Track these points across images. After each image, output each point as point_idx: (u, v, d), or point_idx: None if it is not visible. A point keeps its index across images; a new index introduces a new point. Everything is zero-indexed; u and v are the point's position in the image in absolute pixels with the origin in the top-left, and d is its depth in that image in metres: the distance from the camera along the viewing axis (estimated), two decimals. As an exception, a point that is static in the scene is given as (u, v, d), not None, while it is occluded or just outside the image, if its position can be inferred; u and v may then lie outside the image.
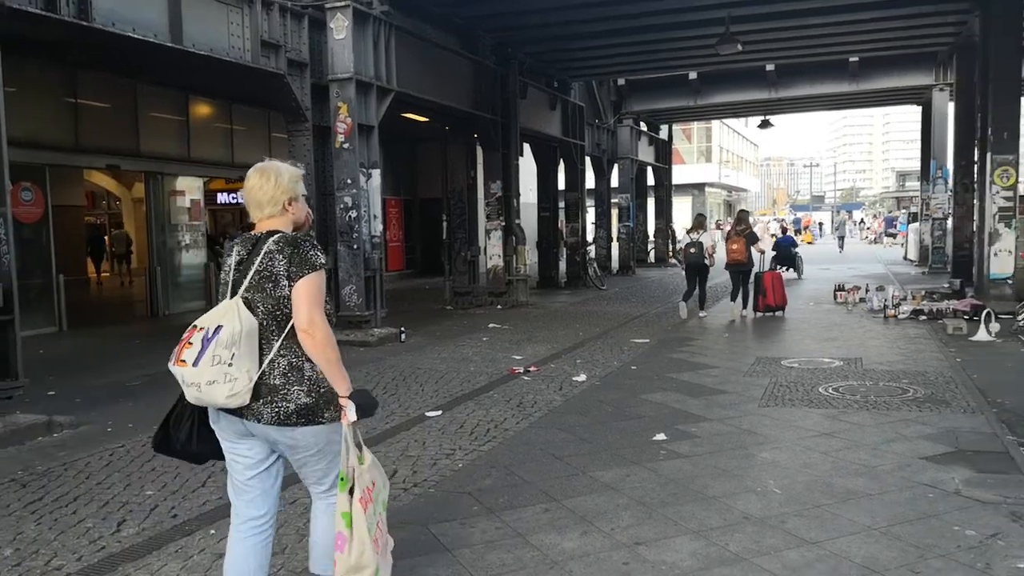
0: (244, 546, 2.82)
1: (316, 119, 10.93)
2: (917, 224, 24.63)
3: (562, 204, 20.13)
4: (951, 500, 4.20)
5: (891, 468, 4.77)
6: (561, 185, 20.19)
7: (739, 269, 12.23)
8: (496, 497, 4.45)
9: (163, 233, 14.28)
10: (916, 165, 32.11)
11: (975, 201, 15.21)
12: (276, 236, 2.74)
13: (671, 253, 28.27)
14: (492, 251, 15.77)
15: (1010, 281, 12.29)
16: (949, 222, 19.45)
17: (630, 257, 24.28)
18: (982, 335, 9.49)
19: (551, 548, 3.75)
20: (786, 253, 20.12)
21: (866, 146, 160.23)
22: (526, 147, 19.15)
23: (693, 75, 22.30)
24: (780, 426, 5.84)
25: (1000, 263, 12.54)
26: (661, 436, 5.57)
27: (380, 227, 11.40)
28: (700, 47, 16.89)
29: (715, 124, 51.17)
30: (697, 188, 50.52)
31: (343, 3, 10.52)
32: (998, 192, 12.68)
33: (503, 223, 15.69)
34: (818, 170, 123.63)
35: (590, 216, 22.52)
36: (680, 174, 38.03)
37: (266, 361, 2.65)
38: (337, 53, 10.65)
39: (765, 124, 27.30)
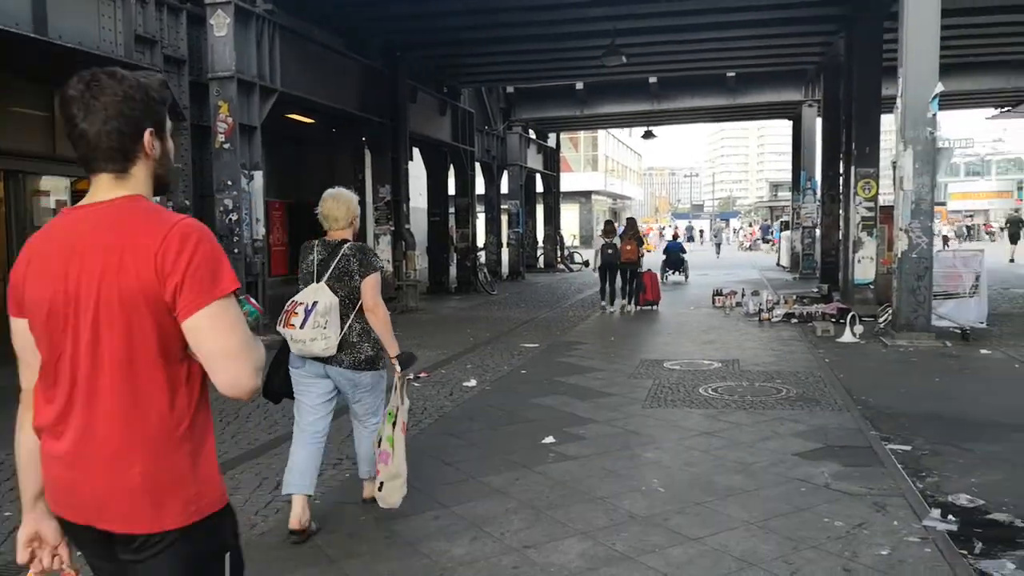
0: (307, 450, 4.03)
1: (195, 118, 10.49)
2: (789, 232, 26.00)
3: (452, 209, 20.12)
4: (821, 493, 4.43)
5: (767, 465, 4.99)
6: (451, 190, 20.19)
7: (630, 268, 14.15)
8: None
9: (24, 236, 13.32)
10: (788, 176, 33.92)
11: (840, 211, 16.20)
12: (349, 244, 4.02)
13: (560, 259, 28.75)
14: (381, 256, 15.57)
15: (872, 286, 13.15)
16: (817, 230, 20.61)
17: (520, 263, 24.52)
18: (847, 337, 10.09)
19: (441, 555, 3.72)
20: (675, 257, 20.96)
21: (742, 157, 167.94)
22: (416, 152, 19.04)
23: (580, 85, 22.80)
24: (663, 426, 6.01)
25: (863, 269, 13.41)
26: (550, 439, 5.63)
27: (263, 230, 11.05)
28: (587, 58, 17.28)
29: (601, 133, 52.39)
30: (584, 196, 51.57)
31: (224, -1, 10.17)
32: (861, 203, 13.55)
33: (392, 228, 15.52)
34: (698, 180, 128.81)
35: (480, 221, 22.61)
36: (568, 182, 38.75)
37: (345, 327, 3.90)
38: (218, 51, 10.26)
39: (648, 135, 28.20)
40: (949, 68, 15.22)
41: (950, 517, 4.00)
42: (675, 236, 26.69)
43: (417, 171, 19.67)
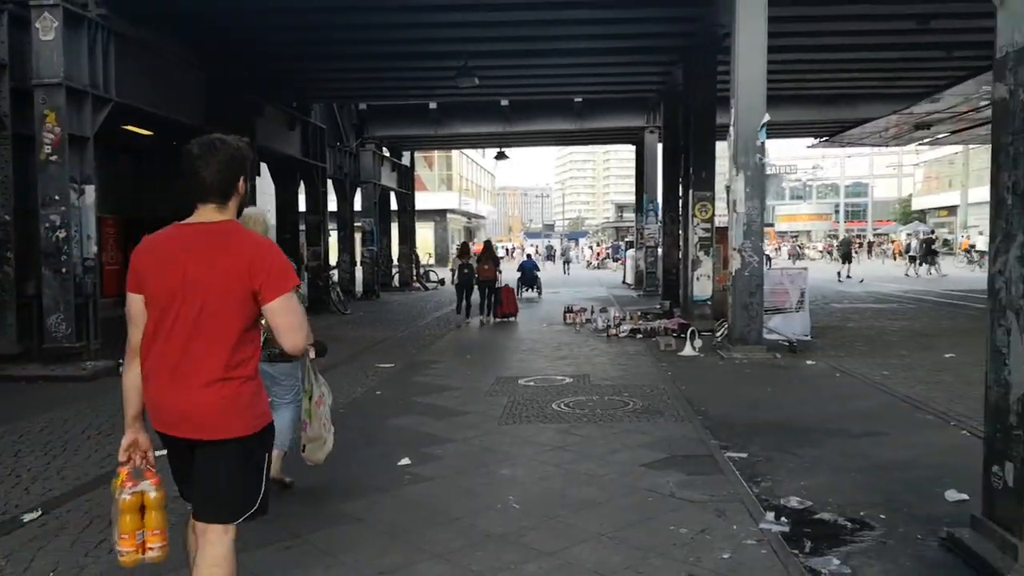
0: (279, 412, 4.56)
1: (18, 127, 9.69)
2: (633, 251, 27.17)
3: (303, 227, 19.60)
4: (667, 502, 4.63)
5: (617, 476, 5.16)
6: (302, 207, 19.68)
7: (488, 284, 15.64)
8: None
9: None
10: (632, 198, 35.48)
11: (680, 231, 17.10)
12: None
13: (416, 277, 28.63)
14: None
15: (709, 302, 13.95)
16: (660, 250, 21.66)
17: (374, 281, 24.21)
18: (688, 350, 10.65)
19: (293, 587, 3.58)
20: (530, 275, 21.58)
21: (590, 179, 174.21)
22: (264, 167, 18.43)
23: (434, 105, 22.91)
24: (518, 443, 6.09)
25: (701, 286, 14.21)
26: (406, 461, 5.57)
27: (94, 248, 10.32)
28: (440, 78, 17.40)
29: (455, 153, 52.83)
30: (439, 214, 51.72)
31: (51, 2, 9.47)
32: (698, 224, 14.38)
33: (239, 246, 14.89)
34: (548, 200, 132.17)
35: (333, 239, 22.16)
36: (423, 200, 38.72)
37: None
38: (44, 56, 9.55)
39: (501, 156, 28.70)
40: (775, 100, 16.46)
41: (783, 519, 4.29)
42: (529, 255, 27.36)
43: (265, 187, 19.03)
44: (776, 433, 6.29)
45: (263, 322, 2.69)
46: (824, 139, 28.17)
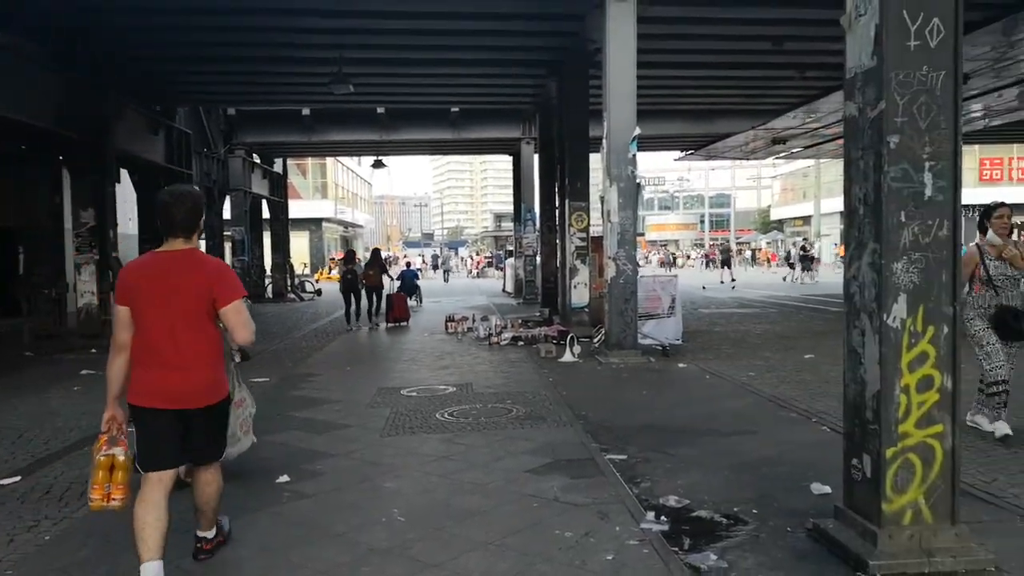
0: None
1: None
2: (513, 260, 27.47)
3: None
4: (552, 507, 4.69)
5: (501, 484, 5.19)
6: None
7: (375, 290, 16.70)
8: (93, 568, 3.91)
9: None
10: (511, 208, 35.87)
11: (558, 241, 17.44)
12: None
13: (290, 288, 27.81)
14: (84, 288, 14.02)
15: (587, 309, 14.28)
16: (538, 258, 21.99)
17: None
18: (568, 357, 10.85)
19: (165, 617, 3.38)
20: (410, 284, 21.37)
21: (468, 189, 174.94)
22: (124, 173, 17.44)
23: (307, 111, 22.39)
24: (402, 454, 6.02)
25: (578, 294, 14.53)
26: (285, 478, 5.39)
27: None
28: (314, 84, 17.05)
29: (330, 161, 51.77)
30: (314, 223, 50.51)
31: None
32: (575, 233, 14.70)
33: (97, 256, 14.04)
34: (427, 209, 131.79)
35: (201, 249, 21.20)
36: (297, 209, 37.72)
37: None
38: None
39: (378, 164, 28.38)
40: (646, 114, 17.08)
41: (662, 518, 4.42)
42: (408, 264, 27.15)
43: (126, 194, 18.01)
44: (653, 434, 6.50)
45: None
46: (690, 152, 29.47)
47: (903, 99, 3.60)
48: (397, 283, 21.01)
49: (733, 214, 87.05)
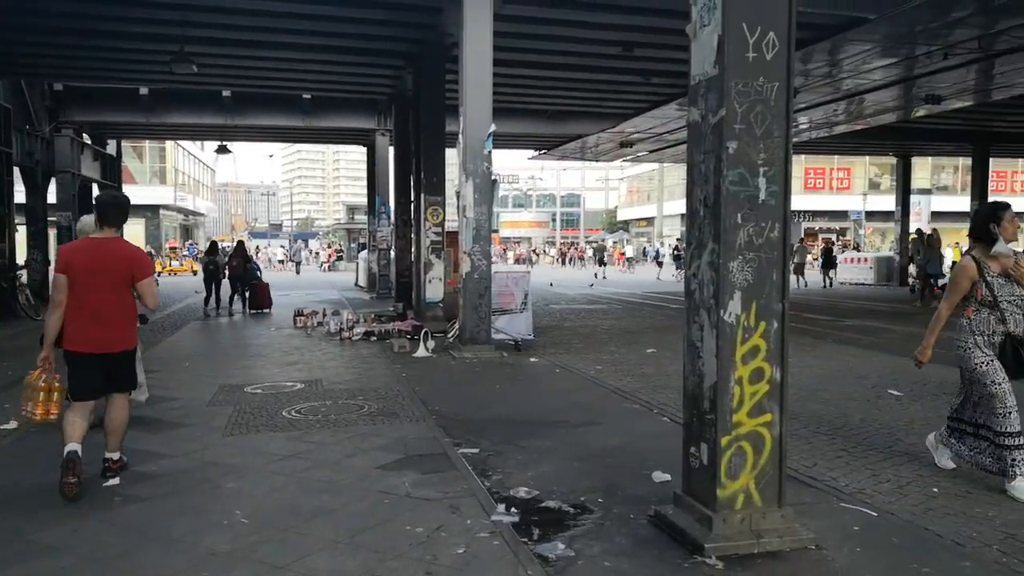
0: None
1: None
2: (366, 253, 27.02)
3: (-18, 221, 16.95)
4: (403, 503, 4.65)
5: (352, 481, 5.08)
6: (-19, 198, 17.01)
7: (237, 280, 17.77)
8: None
9: None
10: (364, 200, 35.29)
11: (413, 235, 17.31)
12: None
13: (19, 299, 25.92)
14: None
15: (441, 304, 14.26)
16: (392, 252, 21.75)
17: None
18: (422, 352, 10.79)
19: (-27, 638, 3.07)
20: (252, 276, 20.47)
21: (320, 179, 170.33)
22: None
23: (145, 91, 21.00)
24: (246, 454, 5.77)
25: (433, 289, 14.48)
26: (115, 481, 5.03)
27: None
28: (153, 62, 16.05)
29: (170, 145, 48.90)
30: (152, 210, 47.58)
31: None
32: (430, 228, 14.64)
33: None
34: (275, 199, 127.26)
35: (21, 235, 19.42)
36: (132, 195, 35.00)
37: None
38: None
39: (222, 149, 27.06)
40: (502, 111, 17.28)
41: (513, 510, 4.48)
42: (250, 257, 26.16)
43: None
44: (505, 428, 6.58)
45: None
46: (544, 151, 30.10)
47: (741, 107, 3.82)
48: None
49: (583, 213, 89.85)
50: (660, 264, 36.37)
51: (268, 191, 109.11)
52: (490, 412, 7.27)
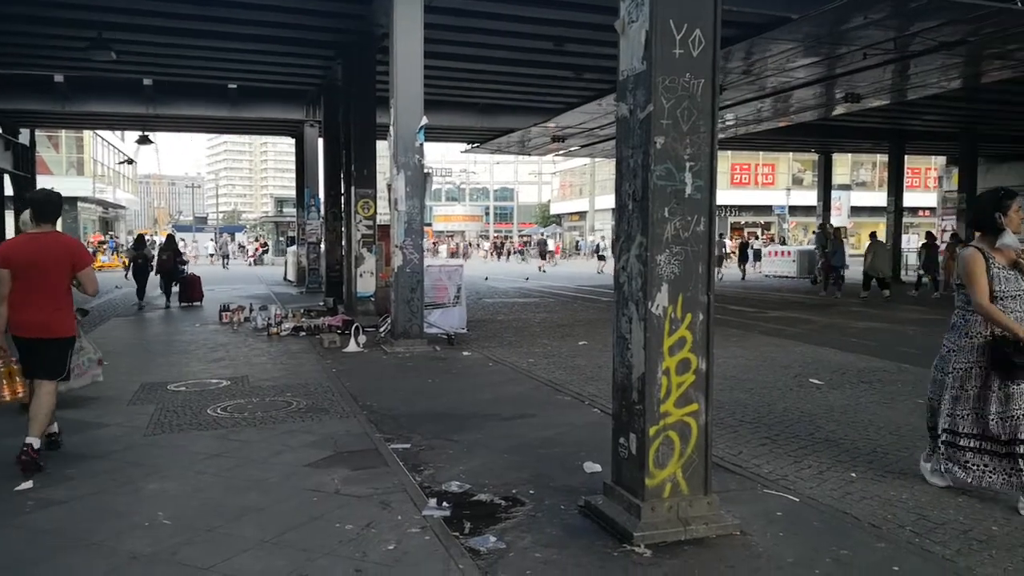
0: None
1: None
2: (295, 247, 26.53)
3: None
4: (333, 500, 4.58)
5: (280, 479, 4.99)
6: None
7: (168, 274, 17.86)
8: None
9: None
10: (293, 193, 34.59)
11: (343, 228, 17.08)
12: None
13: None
14: None
15: (373, 298, 14.11)
16: (322, 246, 21.41)
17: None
18: (352, 347, 10.66)
19: None
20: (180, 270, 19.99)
21: (247, 172, 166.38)
22: None
23: (60, 78, 20.10)
24: (169, 453, 5.61)
25: (364, 283, 14.33)
26: (28, 484, 4.83)
27: None
28: (69, 48, 15.38)
29: (88, 134, 47.01)
30: (68, 203, 45.60)
31: None
32: (361, 221, 14.47)
33: None
34: (200, 191, 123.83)
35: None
36: (48, 186, 33.81)
37: None
38: None
39: (144, 140, 26.17)
40: (434, 104, 17.17)
41: (444, 504, 4.47)
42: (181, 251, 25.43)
43: None
44: (437, 422, 6.56)
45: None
46: (476, 145, 30.04)
47: (668, 103, 3.88)
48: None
49: (516, 207, 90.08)
50: (603, 258, 36.68)
51: (193, 183, 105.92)
52: (422, 406, 7.23)
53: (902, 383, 8.35)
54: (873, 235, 20.75)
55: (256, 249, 49.10)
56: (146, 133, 26.15)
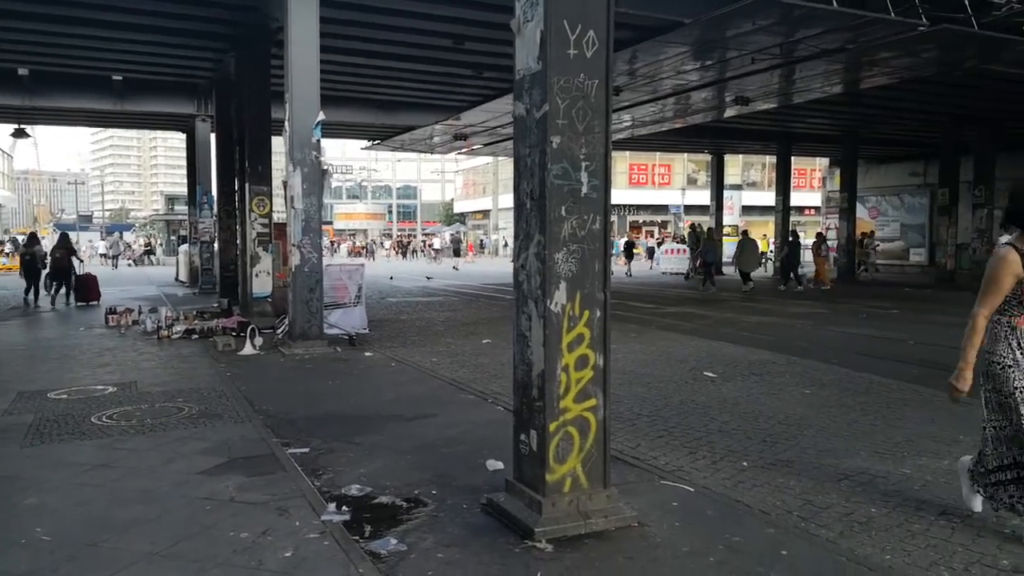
0: None
1: None
2: (187, 246, 25.54)
3: None
4: (227, 508, 4.43)
5: (170, 488, 4.79)
6: None
7: (61, 273, 17.40)
8: None
9: None
10: (185, 190, 33.29)
11: (238, 227, 16.53)
12: None
13: None
14: None
15: (270, 299, 13.72)
16: (216, 245, 20.67)
17: None
18: (248, 349, 10.34)
19: None
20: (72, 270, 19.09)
21: (135, 168, 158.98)
22: None
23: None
24: (48, 466, 5.29)
25: (261, 283, 13.92)
26: None
27: None
28: (-69, 33, 14.28)
29: (-44, 127, 43.92)
30: (-66, 200, 42.53)
31: None
32: (256, 219, 14.05)
33: None
34: (85, 188, 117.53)
35: None
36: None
37: None
38: None
39: (19, 133, 24.62)
40: (332, 100, 16.83)
41: (344, 508, 4.39)
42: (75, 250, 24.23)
43: None
44: (337, 424, 6.43)
45: None
46: (377, 142, 29.65)
47: (564, 103, 3.92)
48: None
49: (420, 206, 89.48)
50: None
51: (76, 179, 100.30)
52: (322, 409, 7.09)
53: (790, 375, 8.74)
54: (744, 233, 21.76)
55: (137, 247, 46.93)
56: (22, 126, 24.59)
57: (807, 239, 28.94)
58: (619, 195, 51.39)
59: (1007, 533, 4.12)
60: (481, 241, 63.56)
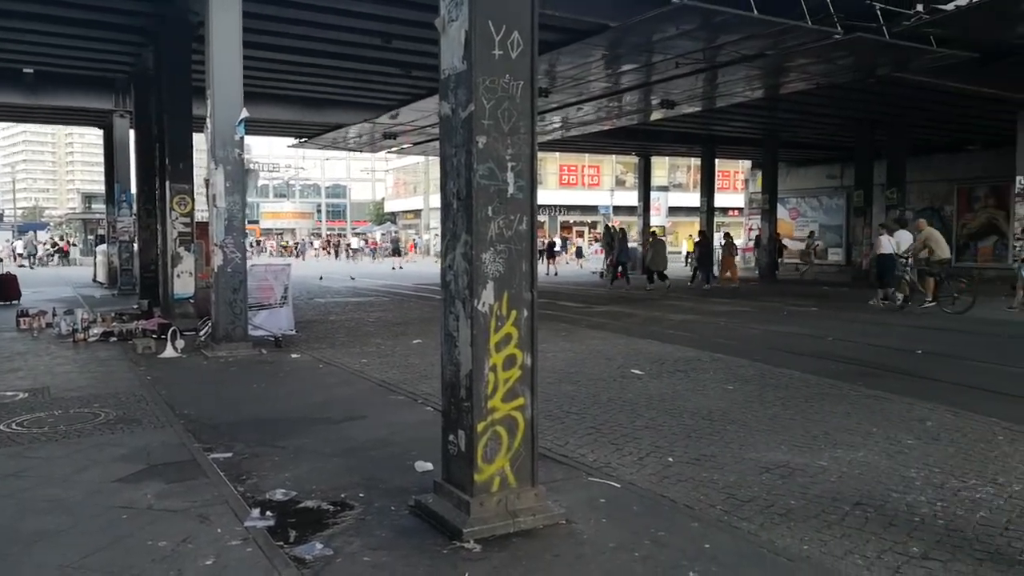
0: None
1: None
2: (105, 246, 24.65)
3: None
4: (145, 516, 4.29)
5: (84, 497, 4.61)
6: None
7: None
8: None
9: None
10: (103, 188, 32.07)
11: (158, 226, 16.01)
12: None
13: None
14: None
15: (192, 300, 13.34)
16: (136, 245, 20.00)
17: None
18: (169, 352, 10.03)
19: None
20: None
21: (50, 164, 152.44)
22: None
23: None
24: (-48, 478, 5.03)
25: (183, 283, 13.51)
26: None
27: None
28: None
29: None
30: None
31: None
32: (177, 218, 13.63)
33: None
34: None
35: None
36: None
37: None
38: None
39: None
40: (256, 97, 16.50)
41: (268, 513, 4.30)
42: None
43: None
44: (262, 428, 6.30)
45: None
46: (305, 140, 29.14)
47: (489, 103, 3.93)
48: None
49: (349, 205, 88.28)
50: None
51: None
52: (246, 413, 6.93)
53: (714, 371, 8.95)
54: (653, 234, 22.33)
55: (65, 247, 45.04)
56: (-77, 120, 23.30)
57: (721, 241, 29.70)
58: (550, 196, 51.84)
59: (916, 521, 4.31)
60: (414, 240, 63.16)
